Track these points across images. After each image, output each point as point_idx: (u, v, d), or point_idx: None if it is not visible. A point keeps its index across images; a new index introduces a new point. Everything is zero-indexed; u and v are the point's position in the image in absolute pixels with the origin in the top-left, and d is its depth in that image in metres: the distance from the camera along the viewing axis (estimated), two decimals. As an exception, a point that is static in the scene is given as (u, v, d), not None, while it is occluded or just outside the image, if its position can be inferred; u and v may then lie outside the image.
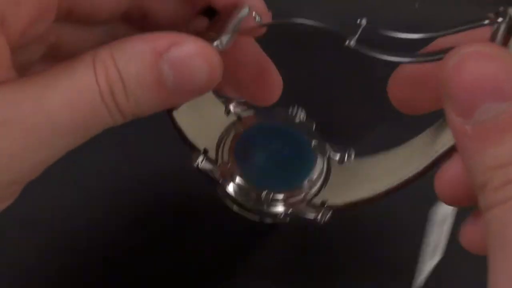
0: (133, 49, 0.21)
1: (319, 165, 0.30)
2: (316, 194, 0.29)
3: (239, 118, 0.31)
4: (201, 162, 0.28)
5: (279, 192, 0.29)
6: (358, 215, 0.26)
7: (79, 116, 0.21)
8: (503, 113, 0.18)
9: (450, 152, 0.22)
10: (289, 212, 0.28)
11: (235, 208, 0.29)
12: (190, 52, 0.22)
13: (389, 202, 0.26)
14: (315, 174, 0.29)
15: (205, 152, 0.29)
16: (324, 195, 0.29)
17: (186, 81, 0.22)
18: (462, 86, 0.18)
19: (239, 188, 0.29)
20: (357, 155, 0.28)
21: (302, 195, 0.29)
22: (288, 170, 0.30)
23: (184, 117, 0.28)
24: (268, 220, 0.29)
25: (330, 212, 0.28)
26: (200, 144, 0.29)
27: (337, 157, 0.29)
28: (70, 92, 0.21)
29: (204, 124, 0.30)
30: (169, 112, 0.28)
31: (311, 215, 0.28)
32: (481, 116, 0.18)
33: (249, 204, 0.29)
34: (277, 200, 0.29)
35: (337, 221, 0.27)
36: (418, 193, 0.27)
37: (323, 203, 0.29)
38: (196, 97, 0.23)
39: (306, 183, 0.29)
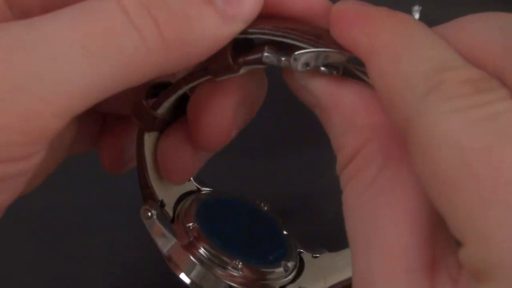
0: None
1: (293, 253, 0.26)
2: (291, 281, 0.25)
3: (198, 189, 0.27)
4: (156, 215, 0.23)
5: (254, 265, 0.24)
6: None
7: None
8: None
9: None
10: None
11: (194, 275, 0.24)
12: None
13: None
14: (290, 260, 0.25)
15: (162, 205, 0.24)
16: (300, 282, 0.25)
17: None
18: None
19: (204, 254, 0.24)
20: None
21: (277, 278, 0.25)
22: (261, 246, 0.25)
23: (151, 149, 0.24)
24: None
25: None
26: (158, 193, 0.24)
27: (309, 252, 0.26)
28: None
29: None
30: (140, 131, 0.23)
31: None
32: None
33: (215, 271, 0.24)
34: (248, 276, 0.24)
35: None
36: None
37: None
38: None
39: (282, 266, 0.25)
